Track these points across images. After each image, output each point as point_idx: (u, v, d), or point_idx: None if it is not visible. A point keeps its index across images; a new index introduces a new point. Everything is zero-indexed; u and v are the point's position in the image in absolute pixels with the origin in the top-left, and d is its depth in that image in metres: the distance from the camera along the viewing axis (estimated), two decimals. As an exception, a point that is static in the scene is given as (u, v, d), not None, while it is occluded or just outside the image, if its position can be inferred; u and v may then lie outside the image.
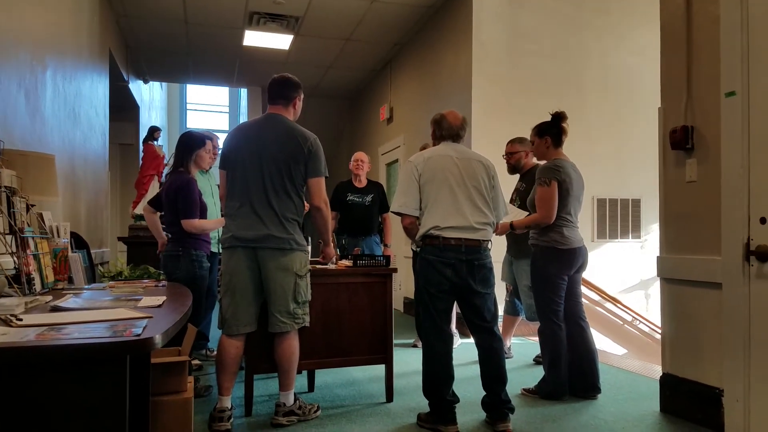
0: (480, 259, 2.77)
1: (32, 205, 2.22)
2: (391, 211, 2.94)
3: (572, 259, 3.27)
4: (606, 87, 5.70)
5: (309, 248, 3.49)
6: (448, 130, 2.91)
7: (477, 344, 2.85)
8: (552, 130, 3.34)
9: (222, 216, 3.01)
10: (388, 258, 3.33)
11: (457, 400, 2.79)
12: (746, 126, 2.61)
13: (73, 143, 4.33)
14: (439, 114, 2.97)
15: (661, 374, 3.11)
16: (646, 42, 5.25)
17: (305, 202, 2.90)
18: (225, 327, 2.76)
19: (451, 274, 2.72)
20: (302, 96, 2.93)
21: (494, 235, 3.39)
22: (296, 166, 2.75)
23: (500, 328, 3.16)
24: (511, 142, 4.13)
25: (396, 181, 7.50)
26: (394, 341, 3.27)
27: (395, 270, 3.31)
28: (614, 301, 5.54)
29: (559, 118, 3.33)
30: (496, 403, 2.77)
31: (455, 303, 2.90)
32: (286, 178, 2.74)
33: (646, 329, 5.61)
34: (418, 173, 2.79)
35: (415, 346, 4.83)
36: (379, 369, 3.35)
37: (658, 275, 3.14)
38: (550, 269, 3.26)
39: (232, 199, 2.79)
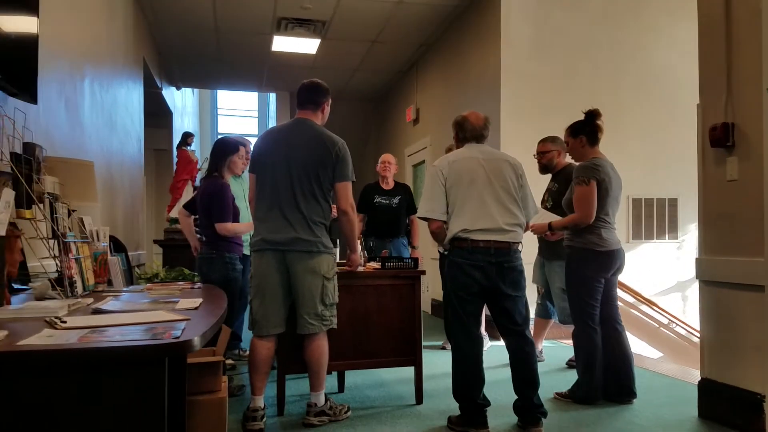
0: (510, 261, 2.73)
1: (73, 210, 2.30)
2: (418, 217, 2.93)
3: (610, 261, 3.19)
4: (641, 84, 5.56)
5: (337, 251, 3.51)
6: (472, 131, 2.88)
7: (508, 348, 2.82)
8: (586, 129, 3.26)
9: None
10: (416, 260, 3.32)
11: (488, 404, 2.76)
12: (789, 122, 2.52)
13: (111, 150, 4.46)
14: (461, 116, 2.94)
15: (699, 379, 3.02)
16: (684, 37, 5.11)
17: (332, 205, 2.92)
18: (255, 328, 2.81)
19: (480, 276, 2.70)
20: (330, 101, 2.96)
21: (531, 233, 3.34)
22: (324, 171, 2.78)
23: (532, 331, 3.11)
24: (543, 141, 4.07)
25: (422, 182, 7.49)
26: (423, 343, 3.26)
27: (423, 272, 3.30)
28: (650, 303, 5.41)
29: (593, 115, 3.25)
30: (529, 407, 2.74)
31: (485, 306, 2.87)
32: (314, 182, 2.76)
33: (683, 332, 5.46)
34: (444, 177, 2.77)
35: (443, 348, 4.81)
36: (408, 370, 3.35)
37: (696, 277, 3.05)
38: (587, 272, 3.18)
39: (261, 203, 2.83)
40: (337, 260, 3.36)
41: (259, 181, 2.85)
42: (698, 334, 3.18)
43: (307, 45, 7.04)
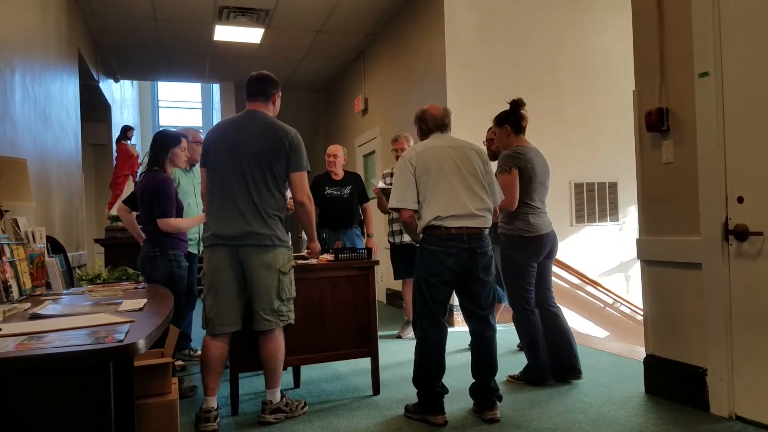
0: (482, 246, 2.78)
1: (6, 211, 2.16)
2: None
3: (539, 246, 3.30)
4: (581, 71, 5.73)
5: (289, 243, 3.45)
6: (434, 121, 2.92)
7: (471, 332, 2.87)
8: (510, 119, 3.38)
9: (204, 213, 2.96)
10: (369, 251, 3.31)
11: (446, 391, 2.80)
12: (720, 106, 2.64)
13: (45, 146, 4.22)
14: (420, 110, 2.98)
15: (644, 356, 3.15)
16: (621, 24, 5.28)
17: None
18: (209, 327, 2.73)
19: (453, 263, 2.73)
20: (280, 93, 2.92)
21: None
22: (277, 161, 2.73)
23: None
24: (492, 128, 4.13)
25: (373, 173, 7.47)
26: (378, 333, 3.27)
27: (377, 262, 3.29)
28: (595, 284, 5.61)
29: (516, 105, 3.37)
30: (485, 391, 2.79)
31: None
32: (267, 172, 2.71)
33: (628, 311, 5.69)
34: (413, 167, 2.78)
35: (399, 337, 4.84)
36: (365, 362, 3.35)
37: (638, 258, 3.18)
38: (518, 257, 3.29)
39: (212, 196, 2.76)
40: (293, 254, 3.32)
41: (210, 175, 2.79)
42: (642, 312, 3.31)
43: (250, 34, 6.87)
